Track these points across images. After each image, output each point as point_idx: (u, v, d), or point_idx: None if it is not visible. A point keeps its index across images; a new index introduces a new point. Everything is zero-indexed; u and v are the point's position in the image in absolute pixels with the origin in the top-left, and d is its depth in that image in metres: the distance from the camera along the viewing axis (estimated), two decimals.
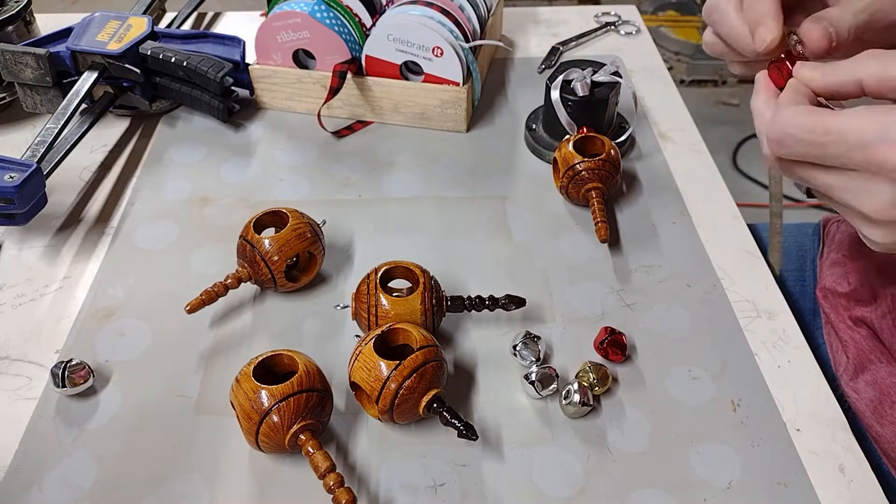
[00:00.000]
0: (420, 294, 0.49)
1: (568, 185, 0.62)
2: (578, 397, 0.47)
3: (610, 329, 0.51)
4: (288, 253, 0.53)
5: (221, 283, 0.53)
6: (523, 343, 0.50)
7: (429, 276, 0.51)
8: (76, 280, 0.58)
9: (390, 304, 0.49)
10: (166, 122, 0.76)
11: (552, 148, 0.69)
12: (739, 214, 0.64)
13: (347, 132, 0.74)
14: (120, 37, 0.71)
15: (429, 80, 0.72)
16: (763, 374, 0.51)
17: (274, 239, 0.53)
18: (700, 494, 0.44)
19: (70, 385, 0.48)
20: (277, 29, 0.72)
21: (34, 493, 0.44)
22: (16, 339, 0.54)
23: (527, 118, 0.74)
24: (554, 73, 0.68)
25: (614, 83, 0.67)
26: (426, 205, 0.65)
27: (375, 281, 0.50)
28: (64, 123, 0.65)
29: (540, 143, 0.70)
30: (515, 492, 0.44)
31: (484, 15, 0.78)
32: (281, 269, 0.53)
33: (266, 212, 0.55)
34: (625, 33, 0.91)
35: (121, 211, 0.65)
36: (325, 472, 0.41)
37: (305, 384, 0.43)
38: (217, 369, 0.51)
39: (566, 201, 0.65)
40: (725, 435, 0.47)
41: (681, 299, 0.56)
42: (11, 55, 0.69)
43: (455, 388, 0.50)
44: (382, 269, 0.51)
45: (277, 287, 0.55)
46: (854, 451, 0.46)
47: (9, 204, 0.56)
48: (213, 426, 0.48)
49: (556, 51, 0.87)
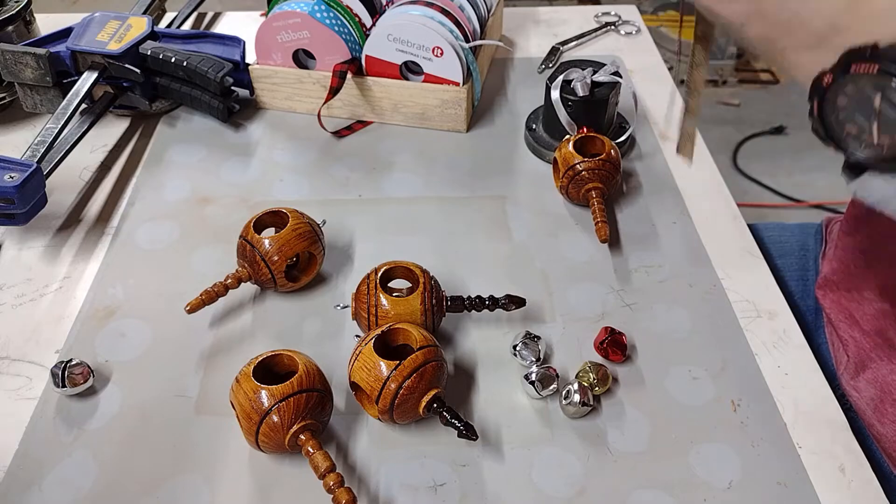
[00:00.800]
0: (420, 294, 0.49)
1: (568, 185, 0.62)
2: (578, 397, 0.47)
3: (610, 329, 0.51)
4: (288, 253, 0.53)
5: (221, 284, 0.53)
6: (523, 343, 0.50)
7: (429, 277, 0.51)
8: (76, 280, 0.58)
9: (390, 304, 0.49)
10: (166, 122, 0.76)
11: (552, 148, 0.69)
12: (739, 214, 0.64)
13: (347, 132, 0.74)
14: (120, 37, 0.71)
15: (429, 80, 0.72)
16: (763, 375, 0.51)
17: (274, 239, 0.53)
18: (700, 494, 0.44)
19: (70, 385, 0.48)
20: (277, 29, 0.72)
21: (34, 492, 0.44)
22: (16, 339, 0.54)
23: (527, 118, 0.74)
24: (554, 73, 0.68)
25: (614, 83, 0.67)
26: (426, 205, 0.65)
27: (375, 281, 0.50)
28: (64, 123, 0.65)
29: (540, 143, 0.70)
30: (515, 492, 0.44)
31: (484, 15, 0.78)
32: (281, 269, 0.53)
33: (266, 212, 0.55)
34: (625, 33, 0.91)
35: (121, 211, 0.65)
36: (325, 472, 0.41)
37: (305, 384, 0.43)
38: (217, 369, 0.51)
39: (566, 201, 0.65)
40: (725, 435, 0.47)
41: (681, 299, 0.56)
42: (11, 55, 0.69)
43: (455, 389, 0.50)
44: (382, 270, 0.51)
45: (277, 287, 0.55)
46: (854, 451, 0.46)
47: (9, 204, 0.56)
48: (212, 426, 0.48)
49: (556, 51, 0.87)
